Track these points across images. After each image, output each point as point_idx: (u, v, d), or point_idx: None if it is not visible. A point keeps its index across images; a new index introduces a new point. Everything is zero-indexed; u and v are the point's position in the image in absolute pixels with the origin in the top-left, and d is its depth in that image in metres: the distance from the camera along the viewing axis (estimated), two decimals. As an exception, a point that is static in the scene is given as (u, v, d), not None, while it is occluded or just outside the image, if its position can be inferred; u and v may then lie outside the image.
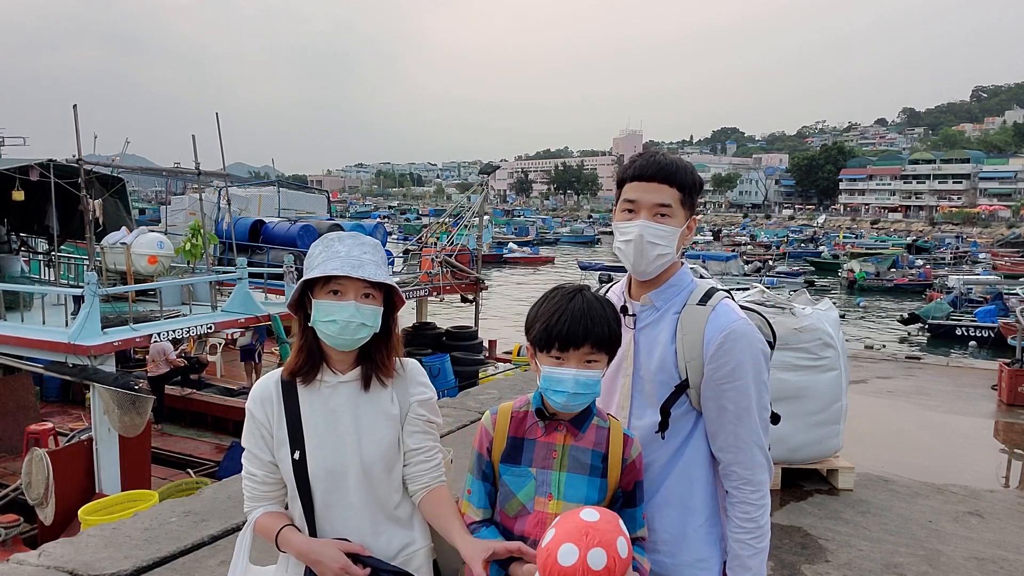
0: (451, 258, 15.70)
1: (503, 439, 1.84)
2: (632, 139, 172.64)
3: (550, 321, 1.75)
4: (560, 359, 1.74)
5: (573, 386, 1.72)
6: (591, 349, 1.74)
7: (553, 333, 1.73)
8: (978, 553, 4.21)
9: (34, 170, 10.67)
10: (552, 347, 1.74)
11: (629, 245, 1.87)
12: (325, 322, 1.80)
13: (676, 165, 1.87)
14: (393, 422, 1.91)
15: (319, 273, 1.79)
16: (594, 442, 1.81)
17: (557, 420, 1.81)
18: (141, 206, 41.02)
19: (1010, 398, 7.76)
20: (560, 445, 1.80)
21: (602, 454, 1.80)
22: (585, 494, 1.78)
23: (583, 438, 1.81)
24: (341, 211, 63.07)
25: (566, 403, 1.74)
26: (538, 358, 1.79)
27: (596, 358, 1.75)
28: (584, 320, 1.73)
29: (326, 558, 1.80)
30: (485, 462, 1.86)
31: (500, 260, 51.68)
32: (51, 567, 3.75)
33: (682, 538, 1.89)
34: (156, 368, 11.72)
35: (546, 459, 1.81)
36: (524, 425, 1.84)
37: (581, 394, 1.74)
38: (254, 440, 1.90)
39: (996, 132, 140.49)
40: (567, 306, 1.75)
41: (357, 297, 1.80)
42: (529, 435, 1.83)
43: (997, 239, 71.14)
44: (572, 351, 1.73)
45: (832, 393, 5.00)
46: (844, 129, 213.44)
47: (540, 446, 1.81)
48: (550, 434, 1.81)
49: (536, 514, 1.79)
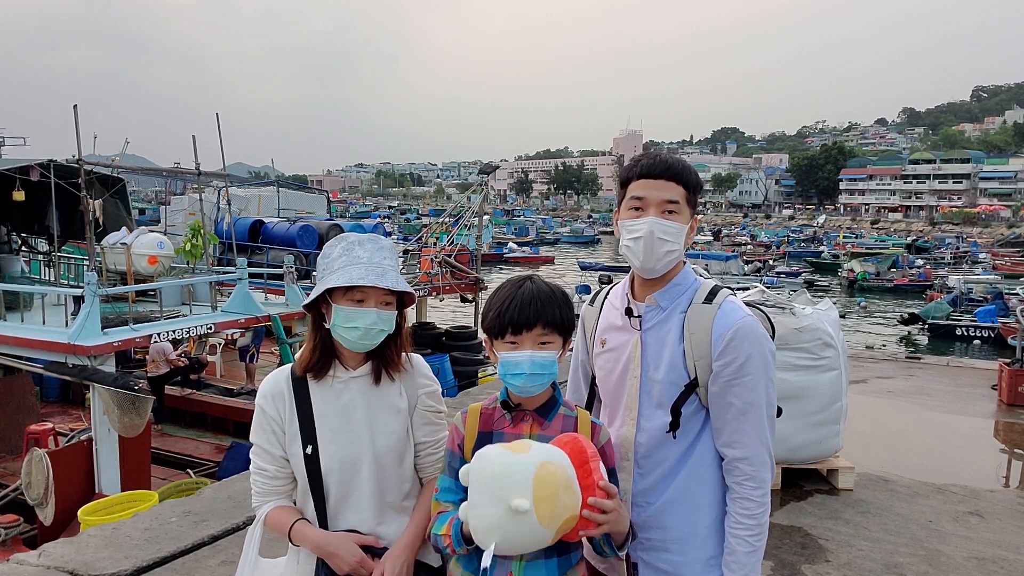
0: (450, 258, 15.69)
1: (473, 436, 1.85)
2: (632, 139, 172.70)
3: (502, 307, 1.78)
4: (515, 343, 1.77)
5: (529, 367, 1.74)
6: (543, 330, 1.76)
7: (505, 318, 1.76)
8: (978, 553, 4.21)
9: (34, 170, 10.67)
10: (506, 332, 1.77)
11: (639, 242, 1.87)
12: (347, 328, 1.84)
13: (681, 164, 1.90)
14: (402, 415, 1.96)
15: (343, 281, 1.82)
16: (561, 430, 1.80)
17: (523, 411, 1.83)
18: (141, 206, 41.04)
19: (1010, 398, 7.75)
20: (527, 435, 1.80)
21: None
22: None
23: (549, 427, 1.81)
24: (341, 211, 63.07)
25: (524, 384, 1.75)
26: (495, 347, 1.82)
27: (550, 339, 1.78)
28: (534, 303, 1.76)
29: (343, 551, 1.83)
30: (457, 458, 1.86)
31: (500, 260, 51.72)
32: (51, 567, 3.75)
33: (693, 537, 1.90)
34: (156, 368, 11.71)
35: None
36: (492, 419, 1.86)
37: (538, 374, 1.75)
38: (265, 435, 1.93)
39: (996, 132, 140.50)
40: (517, 292, 1.79)
41: (378, 304, 1.85)
42: (497, 428, 1.84)
43: (997, 239, 71.10)
44: (525, 333, 1.76)
45: (832, 393, 5.00)
46: (844, 129, 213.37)
47: (508, 438, 1.81)
48: (517, 425, 1.82)
49: None
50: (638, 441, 1.93)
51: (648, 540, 1.94)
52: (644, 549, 1.94)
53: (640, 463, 1.94)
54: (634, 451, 1.94)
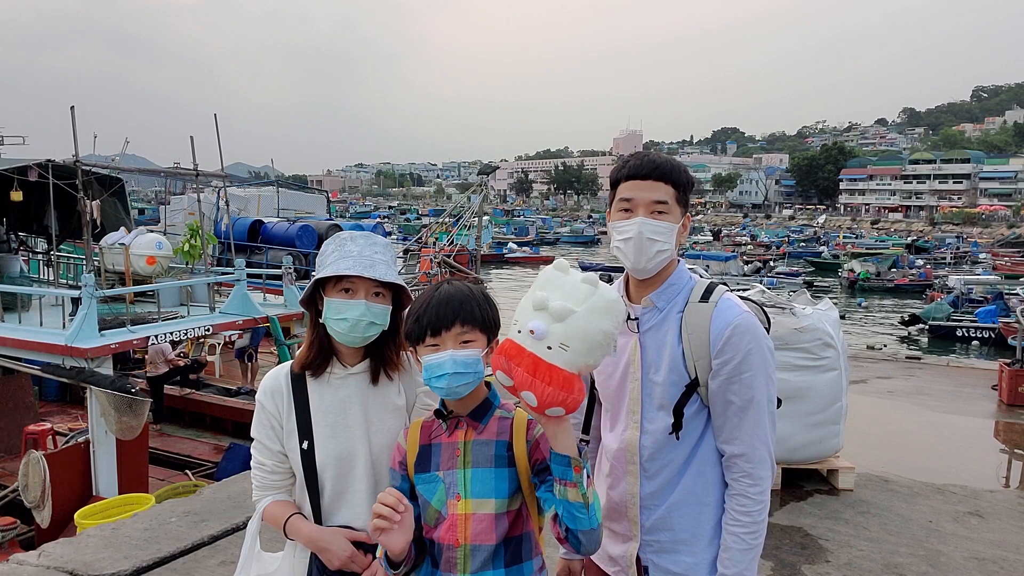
0: (450, 258, 15.69)
1: (415, 451, 1.81)
2: (632, 139, 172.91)
3: (419, 312, 1.75)
4: (436, 345, 1.72)
5: (452, 366, 1.68)
6: (463, 328, 1.71)
7: (424, 321, 1.72)
8: (978, 553, 4.20)
9: (33, 170, 10.67)
10: (425, 335, 1.72)
11: (628, 243, 1.86)
12: (336, 319, 1.86)
13: (670, 163, 1.89)
14: (400, 412, 1.97)
15: (332, 272, 1.85)
16: (497, 432, 1.77)
17: (456, 418, 1.78)
18: (140, 206, 40.99)
19: (1010, 398, 7.74)
20: (462, 442, 1.77)
21: (506, 443, 1.76)
22: (494, 485, 1.73)
23: (485, 430, 1.77)
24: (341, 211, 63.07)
25: (448, 385, 1.69)
26: (418, 353, 1.77)
27: (471, 337, 1.72)
28: (451, 302, 1.72)
29: (334, 546, 1.86)
30: (398, 477, 1.83)
31: (500, 260, 51.71)
32: (51, 567, 3.75)
33: (700, 537, 1.89)
34: (155, 369, 11.69)
35: (451, 459, 1.77)
36: (431, 431, 1.82)
37: (462, 373, 1.69)
38: (264, 431, 1.96)
39: (996, 132, 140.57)
40: (433, 295, 1.76)
41: (368, 296, 1.86)
42: (435, 439, 1.80)
43: (997, 239, 71.14)
44: (445, 333, 1.70)
45: (832, 393, 4.99)
46: (844, 129, 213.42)
47: (445, 448, 1.77)
48: (452, 433, 1.78)
49: (449, 518, 1.74)
50: (643, 444, 1.92)
51: (657, 542, 1.93)
52: (654, 551, 1.93)
53: (645, 466, 1.93)
54: (639, 454, 1.93)
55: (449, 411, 1.78)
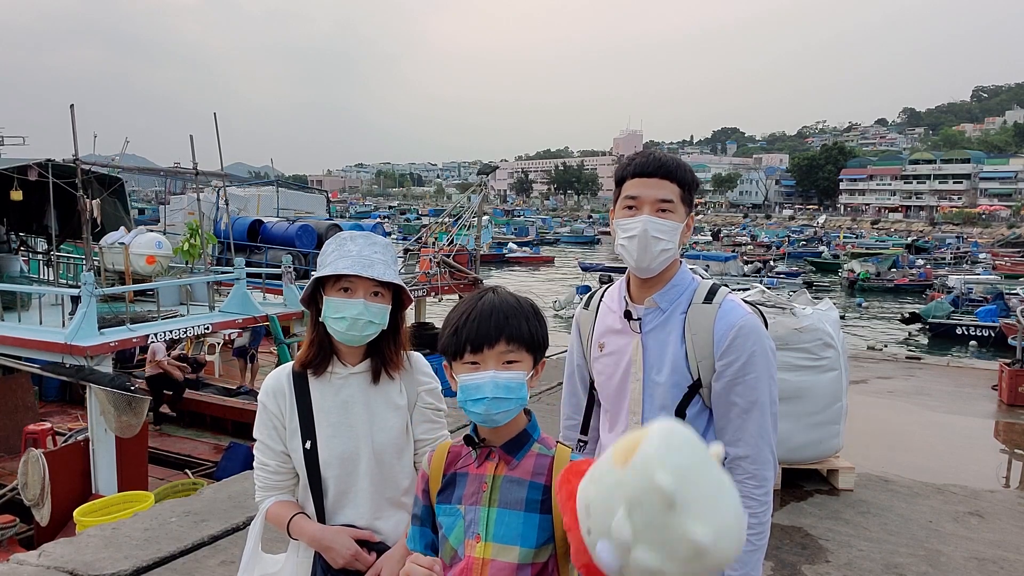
0: (449, 258, 15.66)
1: (438, 478, 1.63)
2: (632, 139, 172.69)
3: (459, 324, 1.55)
4: (476, 363, 1.52)
5: (492, 389, 1.49)
6: (508, 347, 1.52)
7: (463, 335, 1.52)
8: (978, 553, 4.19)
9: (32, 170, 10.67)
10: (464, 351, 1.52)
11: (632, 241, 1.86)
12: (335, 318, 1.87)
13: (675, 162, 1.89)
14: (401, 412, 1.98)
15: (331, 271, 1.87)
16: (532, 472, 1.55)
17: (489, 447, 1.58)
18: (140, 206, 40.94)
19: (1010, 398, 7.74)
20: (491, 476, 1.56)
21: (542, 486, 1.53)
22: (521, 532, 1.50)
23: (518, 467, 1.56)
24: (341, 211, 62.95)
25: (487, 412, 1.50)
26: (454, 370, 1.58)
27: (516, 357, 1.53)
28: (496, 315, 1.53)
29: (337, 544, 1.87)
30: (420, 506, 1.66)
31: (501, 260, 51.69)
32: (51, 567, 3.75)
33: None
34: (152, 369, 11.58)
35: (476, 494, 1.56)
36: (459, 458, 1.63)
37: (504, 399, 1.49)
38: (267, 431, 1.98)
39: (996, 132, 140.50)
40: (476, 304, 1.56)
41: (366, 295, 1.87)
42: (462, 468, 1.61)
43: (997, 239, 71.12)
44: (487, 350, 1.51)
45: (832, 393, 4.99)
46: (844, 129, 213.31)
47: (472, 480, 1.57)
48: (482, 464, 1.58)
49: (465, 559, 1.53)
50: None
51: None
52: None
53: None
54: None
55: (481, 438, 1.59)
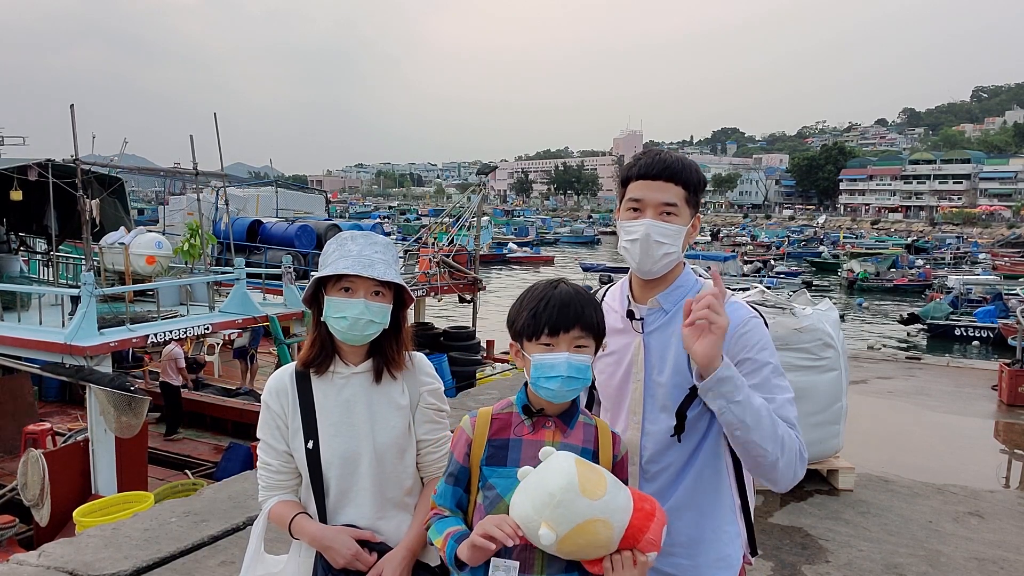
0: (449, 258, 15.66)
1: (482, 443, 1.77)
2: (632, 139, 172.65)
3: (538, 307, 1.70)
4: (550, 344, 1.68)
5: (566, 369, 1.65)
6: (581, 332, 1.69)
7: (543, 319, 1.68)
8: (978, 553, 4.20)
9: (32, 170, 10.68)
10: (541, 333, 1.68)
11: (635, 244, 1.85)
12: (336, 318, 1.88)
13: (681, 163, 1.86)
14: (403, 412, 1.98)
15: (331, 271, 1.87)
16: (583, 439, 1.75)
17: (545, 416, 1.75)
18: (140, 206, 40.96)
19: (1010, 398, 7.74)
20: (548, 442, 1.72)
21: (592, 451, 1.74)
22: None
23: (572, 435, 1.74)
24: (341, 211, 62.96)
25: (559, 388, 1.66)
26: (525, 349, 1.73)
27: (585, 343, 1.70)
28: (573, 304, 1.69)
29: (338, 544, 1.87)
30: (459, 467, 1.79)
31: (501, 260, 51.70)
32: (51, 567, 3.74)
33: (700, 540, 1.88)
34: (167, 376, 11.52)
35: (535, 458, 1.70)
36: (509, 426, 1.77)
37: (575, 378, 1.67)
38: (269, 431, 1.98)
39: (996, 132, 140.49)
40: (553, 292, 1.72)
41: (367, 295, 1.88)
42: (515, 435, 1.76)
43: (997, 239, 71.13)
44: (563, 334, 1.67)
45: (832, 393, 4.99)
46: (844, 129, 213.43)
47: (528, 445, 1.72)
48: (538, 431, 1.74)
49: None
50: (643, 445, 1.91)
51: None
52: None
53: (645, 468, 1.92)
54: (639, 455, 1.92)
55: (538, 409, 1.75)
